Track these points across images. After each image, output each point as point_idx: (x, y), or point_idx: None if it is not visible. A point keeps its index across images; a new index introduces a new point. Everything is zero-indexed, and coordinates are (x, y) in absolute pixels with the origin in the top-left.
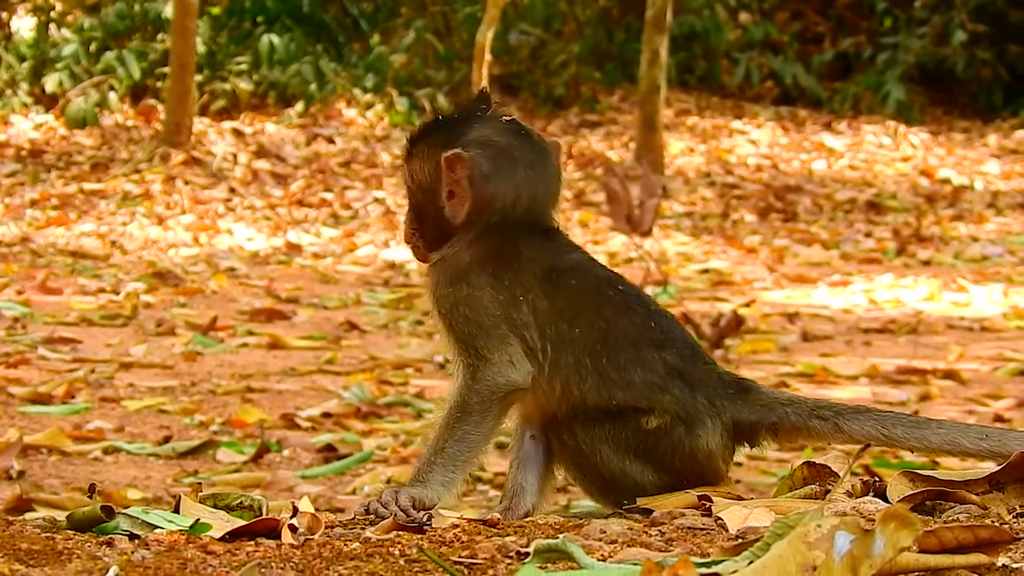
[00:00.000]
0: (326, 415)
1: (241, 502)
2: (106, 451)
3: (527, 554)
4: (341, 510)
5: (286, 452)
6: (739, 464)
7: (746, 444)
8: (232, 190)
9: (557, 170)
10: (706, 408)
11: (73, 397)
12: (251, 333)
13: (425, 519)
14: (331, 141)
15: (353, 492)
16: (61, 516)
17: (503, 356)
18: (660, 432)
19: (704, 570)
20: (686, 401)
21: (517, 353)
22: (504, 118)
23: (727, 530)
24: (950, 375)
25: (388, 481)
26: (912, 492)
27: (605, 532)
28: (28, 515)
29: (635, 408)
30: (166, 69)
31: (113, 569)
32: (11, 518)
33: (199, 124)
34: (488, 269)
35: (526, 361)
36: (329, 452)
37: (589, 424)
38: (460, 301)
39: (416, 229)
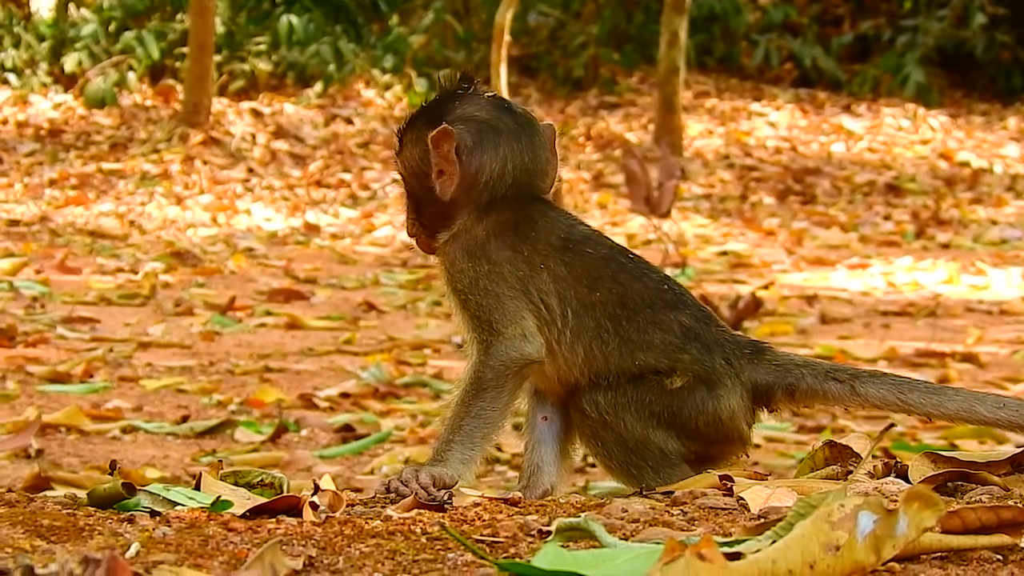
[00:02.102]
0: (344, 395)
1: (262, 480)
2: (124, 430)
3: (549, 532)
4: (359, 490)
5: (304, 432)
6: (757, 446)
7: (763, 407)
8: (251, 170)
9: (547, 145)
10: (724, 368)
11: (91, 376)
12: (269, 313)
13: (445, 497)
14: (349, 122)
15: (371, 472)
16: (82, 494)
17: (516, 330)
18: (683, 393)
19: (727, 549)
20: (704, 361)
21: (530, 327)
22: (486, 94)
23: (749, 510)
24: (968, 358)
25: (406, 461)
26: (934, 473)
27: (627, 511)
28: (47, 493)
29: (657, 370)
30: (185, 49)
31: (135, 545)
32: (32, 495)
33: (218, 104)
34: (506, 241)
35: (539, 335)
36: (347, 432)
37: (612, 392)
38: (481, 275)
39: (416, 220)
